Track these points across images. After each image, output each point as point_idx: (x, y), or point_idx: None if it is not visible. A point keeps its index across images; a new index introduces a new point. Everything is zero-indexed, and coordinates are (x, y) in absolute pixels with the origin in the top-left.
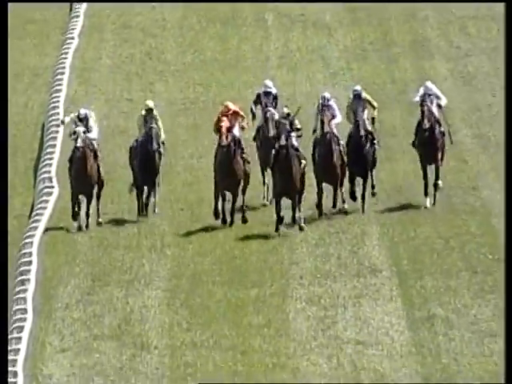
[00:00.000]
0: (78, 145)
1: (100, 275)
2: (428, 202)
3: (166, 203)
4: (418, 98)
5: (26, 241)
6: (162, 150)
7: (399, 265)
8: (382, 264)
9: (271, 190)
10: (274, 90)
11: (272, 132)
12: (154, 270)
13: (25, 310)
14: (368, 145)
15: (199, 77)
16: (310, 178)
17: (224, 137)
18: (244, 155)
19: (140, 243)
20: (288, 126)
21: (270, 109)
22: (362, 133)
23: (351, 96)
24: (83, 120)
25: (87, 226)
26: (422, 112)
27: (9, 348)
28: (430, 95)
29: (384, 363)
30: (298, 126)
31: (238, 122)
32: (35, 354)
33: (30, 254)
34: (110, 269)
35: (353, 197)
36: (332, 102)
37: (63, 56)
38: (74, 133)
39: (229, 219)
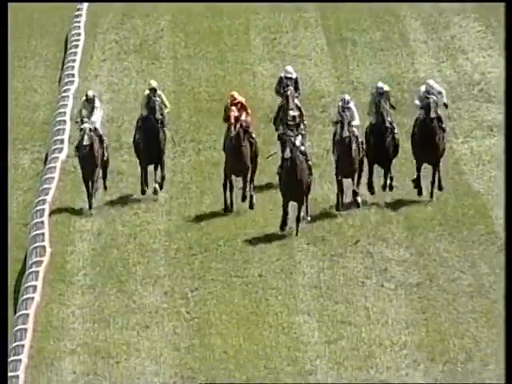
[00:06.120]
0: (85, 143)
1: None
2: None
3: None
4: (418, 102)
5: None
6: (165, 128)
7: None
8: None
9: None
10: (294, 75)
11: (292, 106)
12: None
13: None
14: (391, 135)
15: None
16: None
17: (232, 127)
18: (252, 140)
19: None
20: (293, 138)
21: (291, 88)
22: (387, 124)
23: (374, 92)
24: (90, 101)
25: (90, 207)
26: (428, 104)
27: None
28: (431, 93)
29: None
30: (303, 132)
31: (245, 110)
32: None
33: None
34: None
35: (370, 188)
36: (352, 105)
37: None
38: (81, 129)
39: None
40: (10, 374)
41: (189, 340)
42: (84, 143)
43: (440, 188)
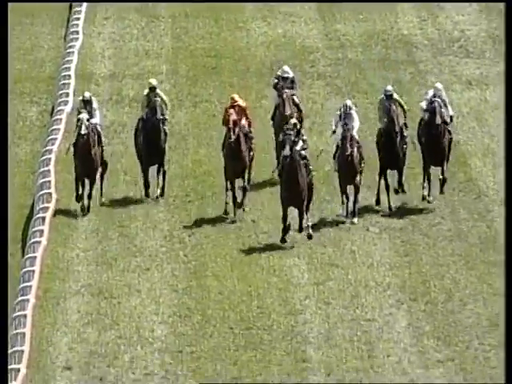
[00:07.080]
0: (83, 132)
1: None
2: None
3: None
4: (424, 104)
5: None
6: (166, 128)
7: None
8: None
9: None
10: (290, 75)
11: (288, 111)
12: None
13: None
14: (402, 140)
15: None
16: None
17: (231, 132)
18: (252, 145)
19: None
20: (293, 137)
21: (287, 90)
22: (397, 129)
23: (382, 96)
24: (87, 103)
25: (88, 209)
26: (433, 108)
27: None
28: (438, 96)
29: None
30: (304, 137)
31: (244, 114)
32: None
33: None
34: None
35: (378, 203)
36: (353, 111)
37: None
38: (78, 120)
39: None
40: (18, 314)
41: (186, 282)
42: (82, 132)
43: (442, 191)
